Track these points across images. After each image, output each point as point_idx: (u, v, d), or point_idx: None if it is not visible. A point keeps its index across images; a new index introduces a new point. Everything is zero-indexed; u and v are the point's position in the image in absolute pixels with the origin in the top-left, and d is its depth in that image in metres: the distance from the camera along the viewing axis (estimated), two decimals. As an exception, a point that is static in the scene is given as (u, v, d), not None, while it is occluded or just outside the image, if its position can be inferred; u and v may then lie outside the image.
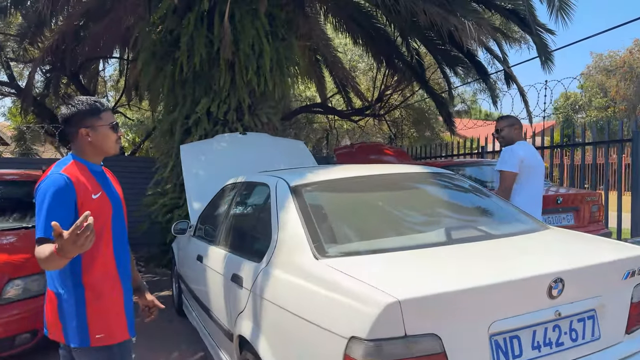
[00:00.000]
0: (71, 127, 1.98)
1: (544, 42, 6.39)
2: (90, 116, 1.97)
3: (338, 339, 1.59)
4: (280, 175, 2.70)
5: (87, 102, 1.99)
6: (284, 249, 2.18)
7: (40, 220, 1.79)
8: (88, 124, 1.97)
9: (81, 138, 1.98)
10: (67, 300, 1.87)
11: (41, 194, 1.85)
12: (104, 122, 2.00)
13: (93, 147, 2.00)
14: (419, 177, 2.79)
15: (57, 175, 1.87)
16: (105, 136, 2.01)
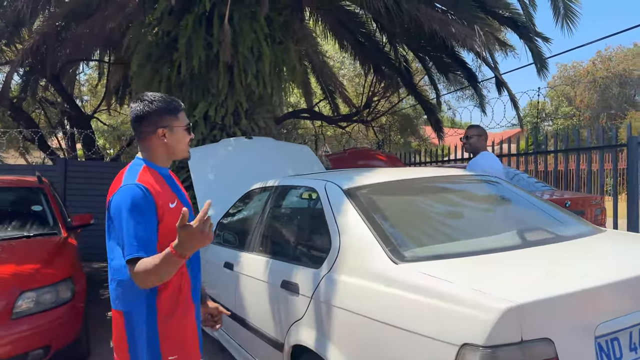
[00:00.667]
0: (147, 126, 1.78)
1: (539, 50, 6.56)
2: (169, 115, 1.80)
3: (446, 347, 1.52)
4: (326, 179, 2.62)
5: (165, 99, 1.82)
6: (350, 254, 2.10)
7: (126, 239, 1.60)
8: (165, 124, 1.79)
9: (156, 139, 1.79)
10: (138, 319, 1.70)
11: (118, 209, 1.66)
12: (180, 123, 1.85)
13: (166, 150, 1.82)
14: (465, 179, 2.76)
15: (133, 186, 1.67)
16: (181, 138, 1.85)
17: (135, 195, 1.65)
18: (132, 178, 1.71)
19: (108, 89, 11.20)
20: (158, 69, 6.63)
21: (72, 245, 4.20)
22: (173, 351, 1.73)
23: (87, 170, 8.66)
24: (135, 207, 1.63)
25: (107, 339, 4.29)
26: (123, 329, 1.72)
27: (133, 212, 1.63)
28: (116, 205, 1.67)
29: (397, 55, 9.70)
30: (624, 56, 30.47)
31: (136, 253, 1.58)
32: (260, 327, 2.71)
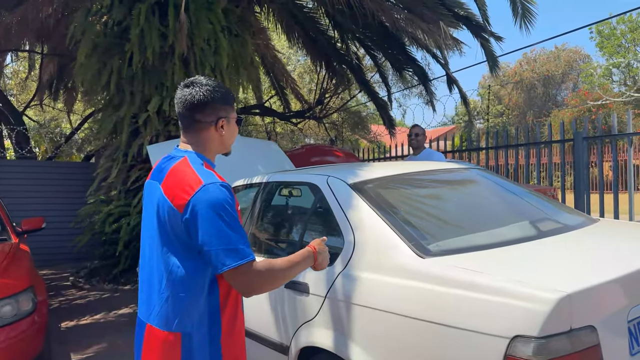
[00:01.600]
0: (207, 115, 1.57)
1: (492, 50, 6.83)
2: (228, 104, 1.62)
3: (495, 340, 1.50)
4: (326, 174, 2.54)
5: (223, 86, 1.63)
6: (368, 250, 2.03)
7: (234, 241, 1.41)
8: (224, 114, 1.61)
9: (214, 131, 1.60)
10: (200, 341, 1.49)
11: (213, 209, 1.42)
12: (234, 115, 1.67)
13: (220, 143, 1.64)
14: (463, 172, 2.78)
15: (220, 185, 1.46)
16: (234, 130, 1.68)
17: (228, 195, 1.46)
18: (210, 177, 1.49)
19: (41, 83, 10.37)
20: (106, 61, 6.22)
21: (25, 252, 3.81)
22: None
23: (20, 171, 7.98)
24: (231, 207, 1.45)
25: (67, 352, 3.96)
26: (179, 354, 1.48)
27: (230, 212, 1.44)
28: (211, 207, 1.42)
29: (349, 51, 9.75)
30: (547, 58, 32.69)
31: (251, 255, 1.44)
32: (260, 331, 2.58)
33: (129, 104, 6.26)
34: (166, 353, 1.49)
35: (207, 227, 1.41)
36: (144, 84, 6.25)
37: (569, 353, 1.47)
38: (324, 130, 11.80)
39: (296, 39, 9.97)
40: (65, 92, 10.93)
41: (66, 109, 11.43)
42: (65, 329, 4.68)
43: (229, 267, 1.40)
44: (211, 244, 1.41)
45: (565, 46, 32.43)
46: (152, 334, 1.52)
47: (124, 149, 6.33)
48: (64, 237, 7.55)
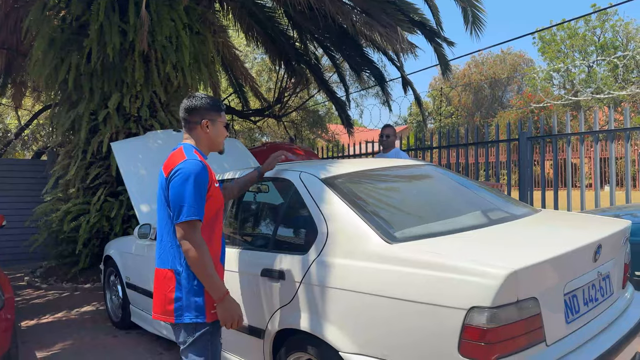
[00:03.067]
0: (194, 117, 2.18)
1: (444, 54, 7.21)
2: (213, 111, 2.22)
3: (454, 311, 1.73)
4: (299, 169, 2.72)
5: (211, 98, 2.23)
6: (341, 238, 2.23)
7: (186, 203, 1.97)
8: (208, 117, 2.19)
9: (201, 129, 2.18)
10: (187, 277, 2.03)
11: (184, 177, 2.00)
12: (222, 119, 2.25)
13: (208, 140, 2.22)
14: (422, 168, 3.04)
15: (198, 161, 2.05)
16: (221, 132, 2.25)
17: (200, 169, 2.03)
18: (194, 156, 2.08)
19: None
20: (64, 57, 6.10)
21: (-12, 249, 3.75)
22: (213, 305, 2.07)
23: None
24: (199, 177, 2.01)
25: (31, 351, 3.93)
26: (174, 286, 2.05)
27: (197, 182, 2.00)
28: (184, 173, 2.00)
29: (308, 51, 9.93)
30: (494, 61, 34.22)
31: (195, 216, 1.97)
32: (235, 318, 2.72)
33: (88, 100, 6.18)
34: (166, 285, 2.07)
35: (175, 187, 2.01)
36: (103, 81, 6.18)
37: (516, 320, 1.73)
38: (282, 128, 11.93)
39: (255, 37, 10.05)
40: (14, 86, 10.49)
41: (14, 104, 10.96)
42: (26, 327, 4.61)
43: (178, 220, 1.98)
44: (173, 201, 2.01)
45: (510, 50, 34.06)
46: (158, 273, 2.13)
47: (83, 146, 6.24)
48: (15, 237, 7.33)
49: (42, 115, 10.87)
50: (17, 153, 15.21)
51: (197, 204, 1.98)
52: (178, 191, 1.99)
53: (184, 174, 1.99)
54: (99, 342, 4.12)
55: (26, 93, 10.96)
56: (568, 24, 26.75)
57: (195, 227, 1.98)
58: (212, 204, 2.12)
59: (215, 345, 2.15)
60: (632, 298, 2.51)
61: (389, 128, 5.04)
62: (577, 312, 2.00)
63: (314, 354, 2.22)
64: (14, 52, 9.26)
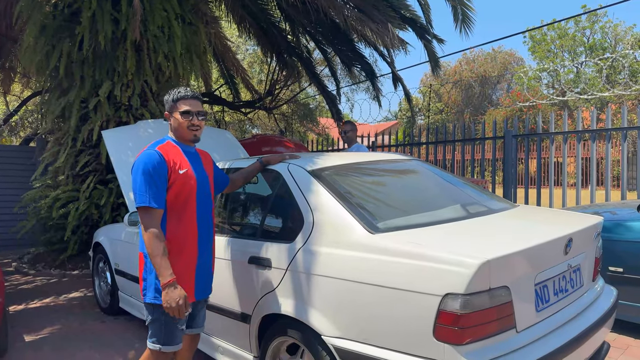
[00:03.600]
0: (166, 111, 2.41)
1: (434, 51, 7.31)
2: (171, 103, 2.37)
3: (430, 298, 1.84)
4: (287, 161, 2.80)
5: (171, 92, 2.39)
6: (326, 228, 2.32)
7: (138, 191, 2.15)
8: (170, 110, 2.39)
9: (171, 121, 2.39)
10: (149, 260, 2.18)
11: (137, 167, 2.19)
12: (176, 110, 2.36)
13: (175, 130, 2.39)
14: (407, 162, 3.14)
15: (152, 152, 2.22)
16: (179, 122, 2.35)
17: (152, 158, 2.18)
18: (154, 146, 2.26)
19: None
20: (56, 43, 6.10)
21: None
22: None
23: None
24: (150, 166, 2.16)
25: (19, 334, 3.99)
26: (142, 267, 2.26)
27: (148, 170, 2.15)
28: (137, 163, 2.19)
29: (300, 44, 9.98)
30: (484, 59, 34.46)
31: (147, 203, 2.13)
32: (221, 304, 2.81)
33: (79, 88, 6.19)
34: (140, 266, 2.29)
35: (132, 177, 2.21)
36: (94, 69, 6.20)
37: (488, 307, 1.84)
38: (273, 121, 11.97)
39: (247, 29, 10.07)
40: (2, 72, 10.40)
41: (2, 90, 10.86)
42: (14, 312, 4.65)
43: (136, 205, 2.15)
44: (133, 188, 2.20)
45: (501, 48, 34.33)
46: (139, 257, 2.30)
47: (73, 134, 6.25)
48: (3, 223, 7.33)
49: (31, 101, 10.79)
50: (4, 139, 15.07)
51: (148, 192, 2.13)
52: (133, 180, 2.20)
53: (136, 165, 2.20)
54: (87, 327, 4.18)
55: (15, 79, 10.87)
56: (559, 24, 27.06)
57: (147, 213, 2.14)
58: (176, 190, 2.24)
59: (171, 330, 2.24)
60: (601, 290, 2.65)
61: (348, 124, 5.22)
62: (547, 302, 2.12)
63: (297, 338, 2.32)
64: (3, 38, 9.18)
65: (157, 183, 2.16)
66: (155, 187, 2.15)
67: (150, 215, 2.14)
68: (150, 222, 2.13)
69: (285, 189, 2.67)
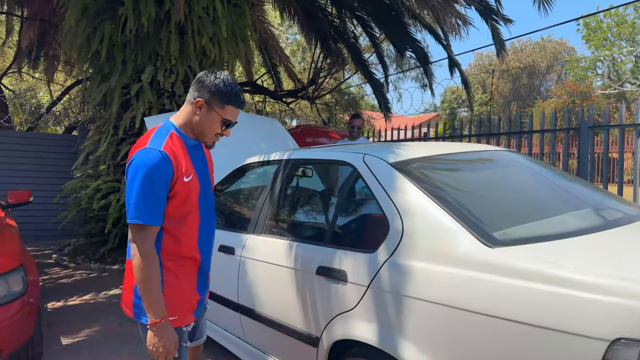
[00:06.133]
0: (194, 91, 1.77)
1: (500, 33, 6.64)
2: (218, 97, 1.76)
3: (591, 342, 1.32)
4: (361, 151, 2.32)
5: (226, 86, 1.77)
6: (419, 237, 1.83)
7: (133, 201, 1.62)
8: (207, 100, 1.77)
9: (192, 108, 1.77)
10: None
11: (136, 169, 1.64)
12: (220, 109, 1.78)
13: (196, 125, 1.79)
14: (504, 154, 2.60)
15: (157, 151, 1.65)
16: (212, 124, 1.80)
17: (156, 161, 1.64)
18: (158, 143, 1.69)
19: (20, 49, 9.78)
20: (97, 26, 5.81)
21: (13, 227, 3.50)
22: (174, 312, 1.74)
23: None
24: (153, 172, 1.62)
25: (56, 336, 3.69)
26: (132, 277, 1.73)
27: (150, 177, 1.62)
28: (136, 165, 1.64)
29: (346, 29, 9.44)
30: (532, 49, 32.83)
31: (142, 219, 1.62)
32: (283, 320, 2.37)
33: (120, 73, 5.88)
34: (127, 277, 1.80)
35: (129, 182, 1.65)
36: (137, 52, 5.88)
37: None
38: (315, 111, 11.52)
39: (291, 14, 9.62)
40: (46, 60, 10.36)
41: (46, 78, 10.84)
42: (52, 310, 4.39)
43: (128, 220, 1.64)
44: (127, 196, 1.66)
45: (551, 37, 32.64)
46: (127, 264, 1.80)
47: (114, 122, 5.97)
48: (44, 213, 7.18)
49: (74, 89, 10.73)
50: (50, 128, 15.25)
51: (145, 206, 1.61)
52: (128, 185, 1.65)
53: (134, 166, 1.64)
54: (127, 329, 3.85)
55: (58, 67, 10.83)
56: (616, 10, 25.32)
57: (141, 231, 1.63)
58: (178, 202, 1.72)
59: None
60: None
61: (357, 120, 5.07)
62: None
63: (382, 373, 1.85)
64: (46, 24, 9.08)
65: (157, 194, 1.63)
66: (155, 199, 1.63)
67: (144, 233, 1.63)
68: (143, 242, 1.63)
69: (359, 185, 2.19)
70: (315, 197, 2.60)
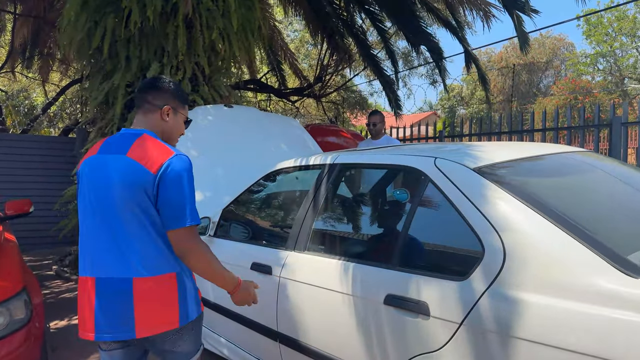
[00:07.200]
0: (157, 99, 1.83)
1: (522, 25, 6.29)
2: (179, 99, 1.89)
3: None
4: (428, 154, 1.95)
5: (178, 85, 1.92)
6: (532, 261, 1.47)
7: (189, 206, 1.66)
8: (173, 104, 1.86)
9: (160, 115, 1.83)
10: (188, 276, 1.77)
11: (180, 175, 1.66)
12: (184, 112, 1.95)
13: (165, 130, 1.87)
14: (584, 156, 2.24)
15: (186, 156, 1.73)
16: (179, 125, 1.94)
17: (191, 166, 1.72)
18: (176, 149, 1.73)
19: (13, 48, 9.33)
20: (98, 20, 5.39)
21: (12, 242, 3.11)
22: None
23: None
24: (192, 177, 1.71)
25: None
26: (175, 289, 1.71)
27: (192, 182, 1.70)
28: (180, 171, 1.66)
29: (354, 23, 9.07)
30: (532, 45, 32.61)
31: (197, 221, 1.68)
32: (338, 356, 2.00)
33: (124, 70, 5.47)
34: (165, 290, 1.68)
35: (177, 188, 1.64)
36: (141, 48, 5.47)
37: None
38: (320, 109, 11.13)
39: (296, 8, 9.23)
40: (40, 59, 9.91)
41: (40, 78, 10.39)
42: (56, 330, 4.00)
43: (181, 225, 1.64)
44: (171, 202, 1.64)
45: (549, 33, 32.42)
46: (145, 283, 1.66)
47: (118, 123, 5.56)
48: (43, 220, 6.76)
49: (70, 90, 10.29)
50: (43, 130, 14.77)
51: (195, 208, 1.70)
52: (178, 190, 1.65)
53: (182, 171, 1.66)
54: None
55: (53, 67, 10.38)
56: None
57: (196, 231, 1.72)
58: None
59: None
60: None
61: (377, 115, 4.81)
62: None
63: None
64: (41, 21, 8.65)
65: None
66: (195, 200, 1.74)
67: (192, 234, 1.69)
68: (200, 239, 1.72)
69: (435, 195, 1.82)
70: (376, 208, 2.23)
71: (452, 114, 33.42)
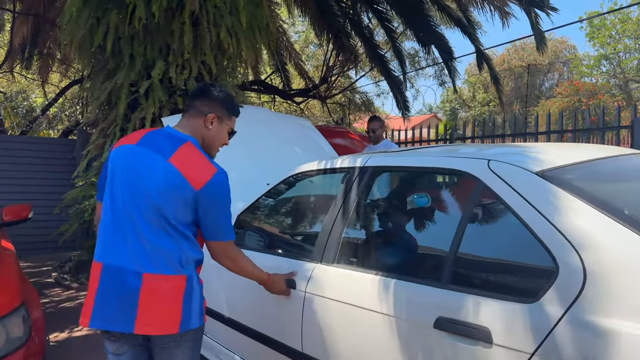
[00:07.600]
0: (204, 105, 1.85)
1: (539, 23, 6.09)
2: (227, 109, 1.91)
3: None
4: (479, 156, 1.74)
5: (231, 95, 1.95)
6: (620, 284, 1.25)
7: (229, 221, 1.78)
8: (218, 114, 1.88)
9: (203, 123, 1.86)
10: (197, 283, 1.76)
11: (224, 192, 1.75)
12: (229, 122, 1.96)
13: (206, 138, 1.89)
14: None
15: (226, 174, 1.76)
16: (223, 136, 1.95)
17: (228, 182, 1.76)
18: (217, 165, 1.74)
19: (12, 47, 9.11)
20: (101, 16, 5.18)
21: (9, 251, 2.89)
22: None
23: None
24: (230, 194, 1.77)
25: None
26: (182, 292, 1.70)
27: (230, 199, 1.77)
28: (222, 191, 1.73)
29: (361, 22, 8.87)
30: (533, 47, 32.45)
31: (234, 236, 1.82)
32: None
33: (128, 69, 5.25)
34: (173, 292, 1.68)
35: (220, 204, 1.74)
36: (146, 46, 5.26)
37: None
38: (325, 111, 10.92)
39: (302, 8, 9.03)
40: (40, 59, 9.69)
41: (40, 79, 10.17)
42: (56, 343, 3.77)
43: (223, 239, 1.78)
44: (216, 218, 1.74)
45: (551, 36, 32.25)
46: (154, 280, 1.66)
47: (121, 124, 5.34)
48: (43, 224, 6.53)
49: (70, 91, 10.07)
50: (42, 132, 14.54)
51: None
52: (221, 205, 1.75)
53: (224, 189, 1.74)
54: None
55: (53, 67, 10.16)
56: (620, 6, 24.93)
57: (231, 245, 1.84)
58: None
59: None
60: None
61: (377, 121, 4.83)
62: None
63: None
64: (41, 19, 8.43)
65: None
66: None
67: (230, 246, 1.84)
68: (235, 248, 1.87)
69: (492, 204, 1.60)
70: (419, 217, 2.01)
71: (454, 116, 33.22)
